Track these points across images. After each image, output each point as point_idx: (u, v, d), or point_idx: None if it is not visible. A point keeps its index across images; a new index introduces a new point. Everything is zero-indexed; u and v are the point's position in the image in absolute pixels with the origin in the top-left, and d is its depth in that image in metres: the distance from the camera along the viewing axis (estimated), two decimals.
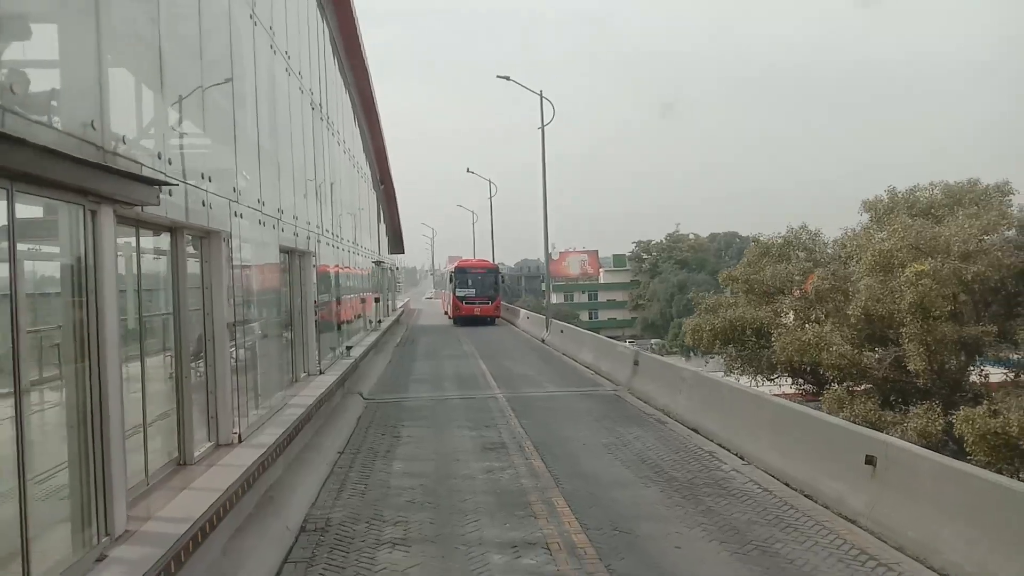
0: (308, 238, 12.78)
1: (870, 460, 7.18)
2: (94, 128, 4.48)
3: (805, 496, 7.96)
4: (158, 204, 5.15)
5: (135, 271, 5.87)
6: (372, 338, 21.83)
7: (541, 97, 27.85)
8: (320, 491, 8.50)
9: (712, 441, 10.49)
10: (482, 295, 36.85)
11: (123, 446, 4.89)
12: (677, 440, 10.84)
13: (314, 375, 12.87)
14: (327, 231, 15.56)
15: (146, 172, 5.17)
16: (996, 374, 24.31)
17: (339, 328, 17.25)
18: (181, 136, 6.34)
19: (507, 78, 28.42)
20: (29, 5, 4.15)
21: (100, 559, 4.41)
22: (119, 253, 5.21)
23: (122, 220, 5.24)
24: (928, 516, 6.35)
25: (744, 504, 7.80)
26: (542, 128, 27.73)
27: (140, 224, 5.87)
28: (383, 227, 36.33)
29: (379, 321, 27.66)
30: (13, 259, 3.65)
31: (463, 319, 36.09)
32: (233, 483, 6.24)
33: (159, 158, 5.60)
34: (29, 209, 4.12)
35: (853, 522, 7.11)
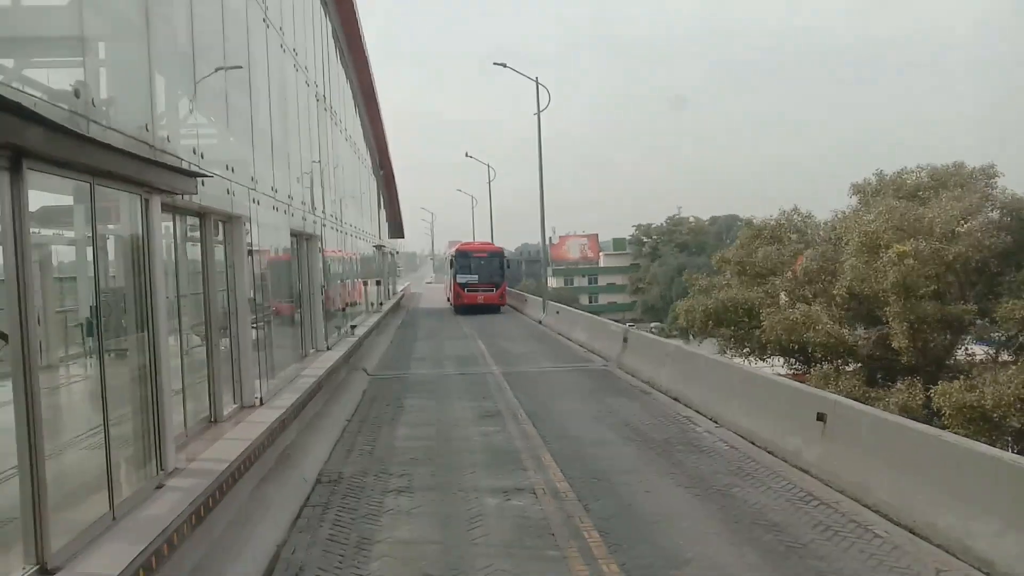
0: (315, 223, 13.67)
1: (821, 417, 8.09)
2: (147, 130, 5.35)
3: (768, 452, 8.89)
4: (196, 193, 6.03)
5: (173, 253, 6.75)
6: (374, 319, 22.76)
7: (537, 84, 28.61)
8: (332, 452, 9.44)
9: (690, 408, 11.41)
10: (486, 281, 33.57)
11: (171, 398, 5.81)
12: (658, 408, 11.77)
13: (322, 351, 13.81)
14: (331, 216, 16.45)
15: (185, 165, 6.04)
16: (983, 353, 25.24)
17: (343, 309, 18.18)
18: (209, 132, 7.21)
19: (504, 65, 29.13)
20: (98, 29, 5.00)
21: (159, 487, 5.35)
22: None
23: (163, 207, 6.11)
24: (865, 462, 7.27)
25: (711, 459, 8.74)
26: (538, 114, 28.51)
27: (176, 210, 6.74)
28: (383, 213, 37.16)
29: (380, 304, 28.60)
30: (95, 243, 4.54)
31: (465, 308, 33.02)
32: (259, 436, 7.17)
33: (194, 152, 6.47)
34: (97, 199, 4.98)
35: (806, 472, 8.03)
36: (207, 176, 6.42)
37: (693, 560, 5.84)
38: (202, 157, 6.67)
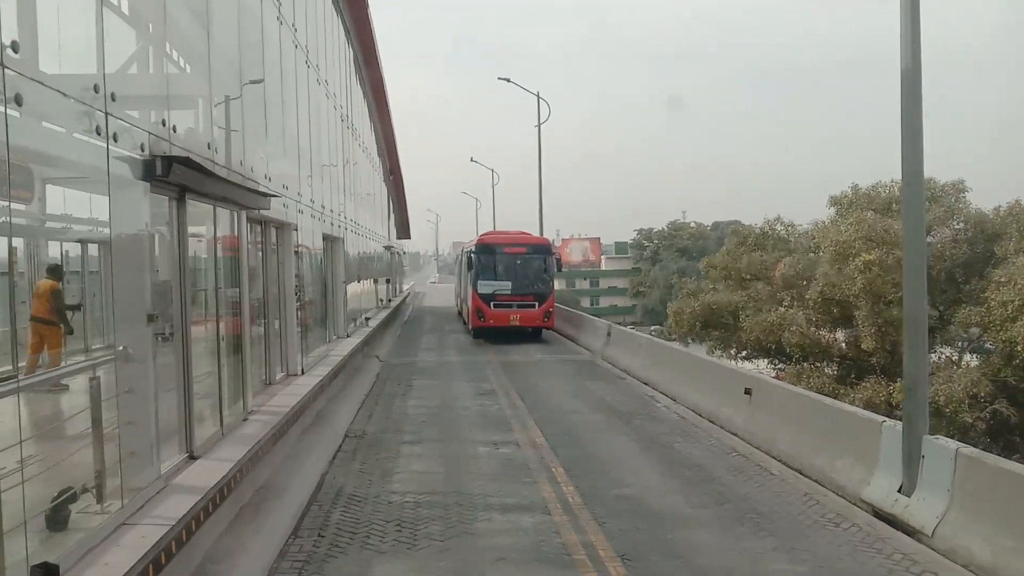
0: (340, 227, 15.85)
1: (748, 391, 10.21)
2: (241, 165, 7.47)
3: (709, 420, 11.00)
4: (269, 209, 8.17)
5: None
6: (384, 314, 24.92)
7: (538, 98, 30.74)
8: (355, 416, 11.56)
9: (656, 389, 13.52)
10: (524, 291, 22.09)
11: (250, 359, 7.96)
12: (630, 389, 13.89)
13: (342, 338, 15.96)
14: (352, 221, 18.64)
15: (261, 188, 8.18)
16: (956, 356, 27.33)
17: (359, 302, 20.36)
18: (273, 159, 9.35)
19: (507, 80, 31.27)
20: (217, 90, 7.13)
21: (244, 420, 7.49)
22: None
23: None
24: (775, 423, 9.38)
25: (662, 424, 10.87)
26: (538, 126, 30.65)
27: (248, 220, 8.88)
28: (392, 216, 39.34)
29: (389, 300, 30.77)
30: (216, 245, 6.66)
31: (491, 332, 22.03)
32: (305, 394, 9.33)
33: (266, 178, 8.61)
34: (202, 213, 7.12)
35: (735, 434, 10.14)
36: (276, 196, 8.56)
37: (631, 484, 7.96)
38: (270, 180, 8.81)
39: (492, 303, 21.84)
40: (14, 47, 3.72)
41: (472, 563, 5.91)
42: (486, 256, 22.49)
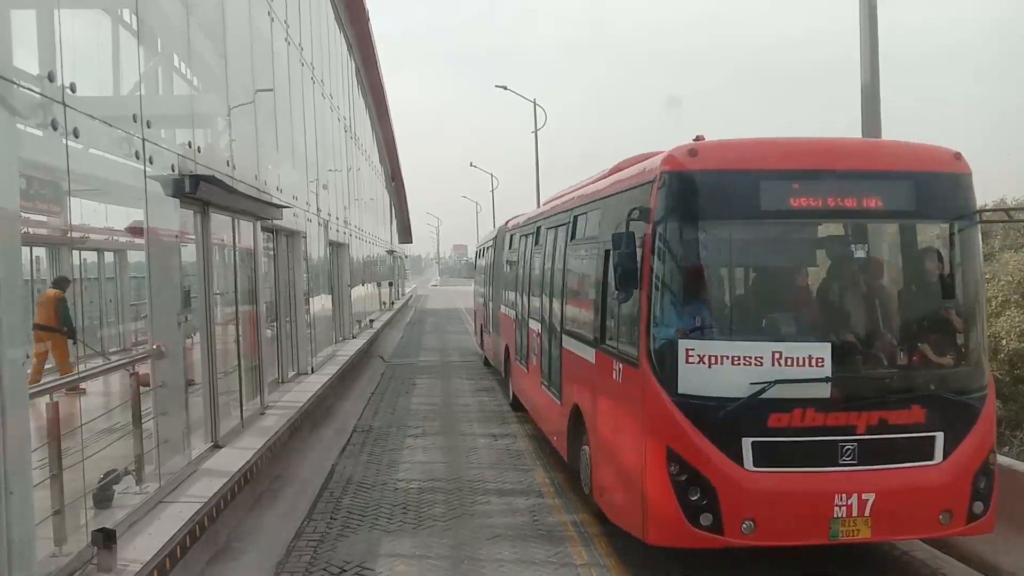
0: (346, 234, 16.50)
1: None
2: (256, 179, 8.11)
3: None
4: (282, 219, 8.81)
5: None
6: (387, 316, 25.58)
7: (535, 105, 31.31)
8: (362, 412, 12.17)
9: None
10: (894, 381, 4.53)
11: (266, 358, 8.59)
12: None
13: (348, 339, 16.60)
14: (356, 227, 19.29)
15: (275, 200, 8.82)
16: None
17: (364, 305, 21.01)
18: (284, 171, 10.00)
19: (504, 87, 31.83)
20: (235, 107, 7.78)
21: (262, 414, 8.12)
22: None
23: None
24: None
25: None
26: (535, 132, 31.24)
27: (261, 229, 9.51)
28: (394, 220, 40.01)
29: (392, 303, 31.43)
30: (235, 256, 7.30)
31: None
32: (316, 390, 9.98)
33: (277, 189, 9.25)
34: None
35: None
36: (287, 207, 9.20)
37: None
38: (281, 192, 9.45)
39: (762, 445, 4.41)
40: (72, 87, 4.34)
41: (471, 540, 6.50)
42: (686, 235, 4.63)
